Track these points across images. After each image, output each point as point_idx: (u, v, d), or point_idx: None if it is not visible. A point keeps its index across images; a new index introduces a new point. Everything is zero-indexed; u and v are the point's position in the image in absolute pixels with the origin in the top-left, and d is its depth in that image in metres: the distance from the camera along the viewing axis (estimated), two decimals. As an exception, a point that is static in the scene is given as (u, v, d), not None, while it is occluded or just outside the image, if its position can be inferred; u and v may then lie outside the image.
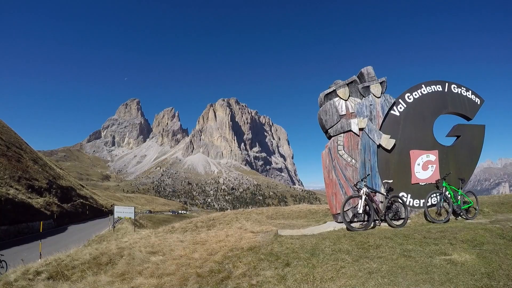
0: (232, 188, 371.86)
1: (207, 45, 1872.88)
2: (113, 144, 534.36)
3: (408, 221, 8.13)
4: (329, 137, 8.42)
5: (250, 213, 20.61)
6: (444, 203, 8.36)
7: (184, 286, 5.33)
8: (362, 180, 7.88)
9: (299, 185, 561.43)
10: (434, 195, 8.40)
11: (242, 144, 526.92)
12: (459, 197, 8.47)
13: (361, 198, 7.60)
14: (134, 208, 29.92)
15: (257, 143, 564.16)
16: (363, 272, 4.55)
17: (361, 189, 7.71)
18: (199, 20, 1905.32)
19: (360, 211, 7.55)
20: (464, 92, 9.07)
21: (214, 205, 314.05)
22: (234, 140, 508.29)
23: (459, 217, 8.50)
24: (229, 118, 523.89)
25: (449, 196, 8.31)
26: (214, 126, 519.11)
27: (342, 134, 8.28)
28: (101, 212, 64.50)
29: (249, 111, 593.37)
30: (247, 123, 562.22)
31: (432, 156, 8.61)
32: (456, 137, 9.07)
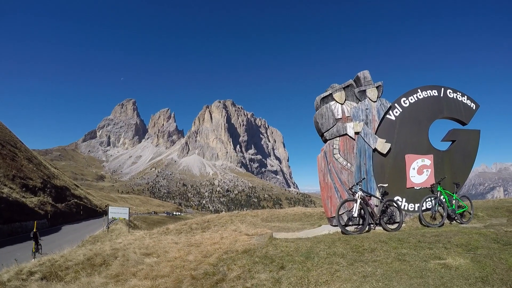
0: (227, 190, 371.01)
1: (204, 46, 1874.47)
2: (108, 144, 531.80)
3: (403, 225, 8.16)
4: (325, 141, 8.45)
5: (245, 216, 20.56)
6: (439, 208, 8.39)
7: (179, 288, 5.31)
8: (357, 184, 7.91)
9: (294, 188, 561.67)
10: (429, 199, 8.44)
11: (238, 146, 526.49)
12: (454, 201, 8.51)
13: (356, 202, 7.61)
14: (129, 209, 29.79)
15: (252, 146, 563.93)
16: (357, 275, 4.56)
17: (356, 193, 7.72)
18: (196, 21, 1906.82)
19: (355, 215, 7.56)
20: (459, 97, 9.12)
21: (209, 207, 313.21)
22: (230, 142, 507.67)
23: (454, 222, 8.55)
24: (225, 120, 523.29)
25: (443, 200, 8.35)
26: (209, 128, 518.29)
27: (338, 138, 8.30)
28: (95, 213, 64.18)
29: (245, 113, 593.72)
30: (243, 125, 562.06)
31: (427, 161, 8.66)
32: (451, 142, 9.12)
